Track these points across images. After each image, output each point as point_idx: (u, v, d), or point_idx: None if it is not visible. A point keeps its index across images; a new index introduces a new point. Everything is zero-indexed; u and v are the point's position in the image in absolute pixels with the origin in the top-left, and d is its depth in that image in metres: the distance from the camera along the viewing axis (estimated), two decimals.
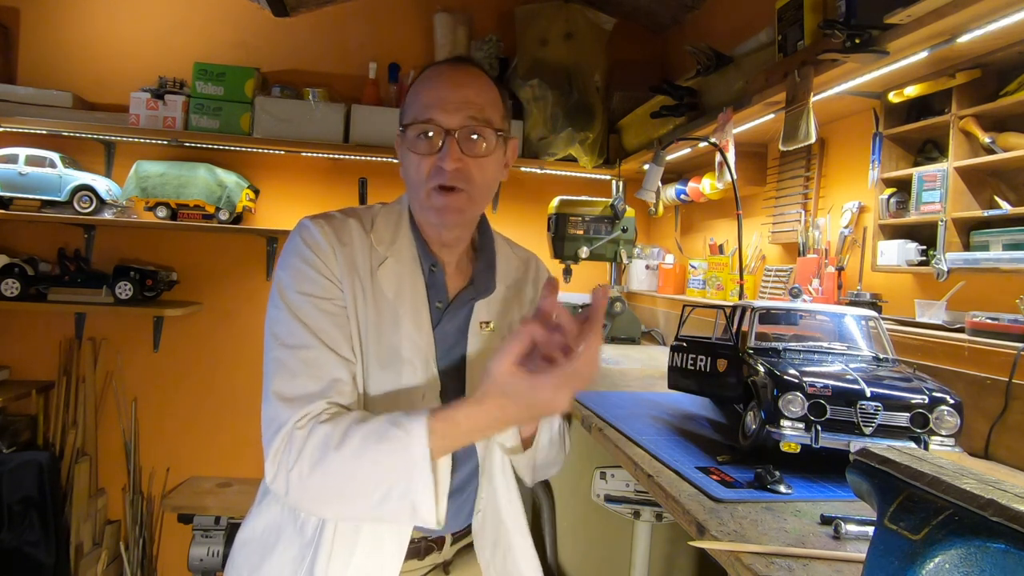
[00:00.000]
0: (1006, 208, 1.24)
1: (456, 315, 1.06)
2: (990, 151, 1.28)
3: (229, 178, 2.58)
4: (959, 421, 0.90)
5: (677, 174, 2.61)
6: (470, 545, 1.12)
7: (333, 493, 0.85)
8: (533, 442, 1.05)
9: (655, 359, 2.05)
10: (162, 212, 2.54)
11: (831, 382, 0.91)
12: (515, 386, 0.79)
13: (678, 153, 2.27)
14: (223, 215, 2.56)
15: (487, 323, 1.08)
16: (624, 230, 2.38)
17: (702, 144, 1.96)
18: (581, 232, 2.36)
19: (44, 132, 2.53)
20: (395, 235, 1.05)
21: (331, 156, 2.78)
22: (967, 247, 1.33)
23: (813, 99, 1.42)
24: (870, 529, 0.72)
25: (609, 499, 1.39)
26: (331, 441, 0.84)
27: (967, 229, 1.33)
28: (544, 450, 1.07)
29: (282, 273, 0.98)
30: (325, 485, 0.85)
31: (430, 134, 0.97)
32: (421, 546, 1.06)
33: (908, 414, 0.91)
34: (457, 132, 0.96)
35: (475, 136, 0.98)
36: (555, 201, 2.41)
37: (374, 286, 1.01)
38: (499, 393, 0.81)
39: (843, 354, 1.07)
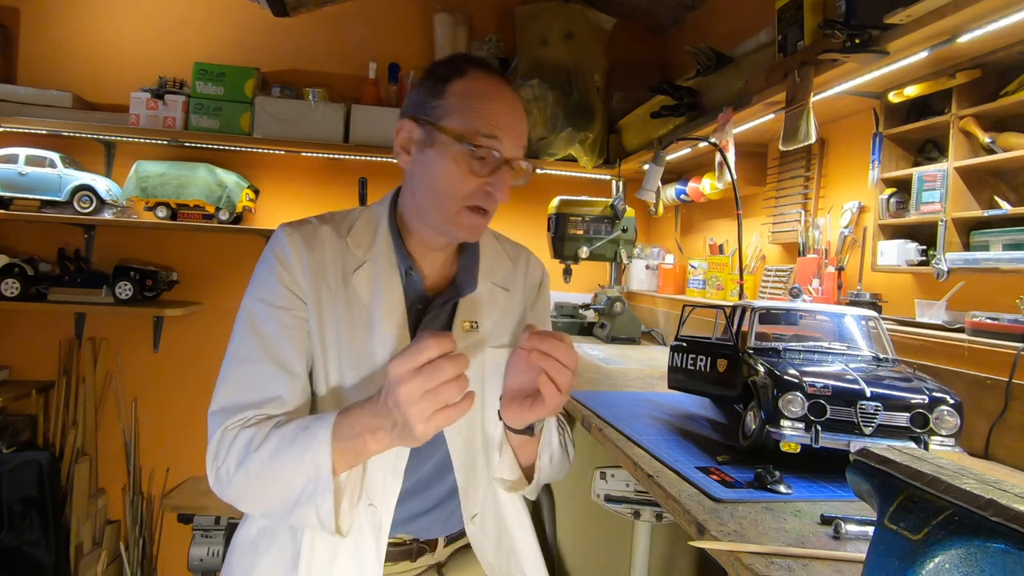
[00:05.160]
0: (1006, 208, 1.24)
1: (438, 316, 1.05)
2: (990, 151, 1.28)
3: (229, 178, 2.58)
4: (959, 421, 0.90)
5: (677, 174, 2.62)
6: (466, 546, 1.12)
7: (254, 492, 0.89)
8: (534, 474, 1.05)
9: (655, 359, 2.05)
10: (162, 212, 2.54)
11: (831, 382, 0.91)
12: (400, 394, 0.76)
13: (678, 153, 2.27)
14: (223, 215, 2.56)
15: (472, 323, 1.06)
16: (624, 230, 2.38)
17: (702, 144, 1.96)
18: (581, 232, 2.36)
19: (44, 132, 2.53)
20: (373, 238, 1.04)
21: (331, 156, 2.78)
22: (967, 247, 1.33)
23: (813, 99, 1.42)
24: (870, 529, 0.72)
25: (609, 499, 1.39)
26: (252, 443, 0.88)
27: (967, 229, 1.33)
28: (546, 472, 1.07)
29: (251, 281, 1.01)
30: (246, 484, 0.88)
31: (486, 155, 0.95)
32: (413, 548, 1.05)
33: (908, 414, 0.91)
34: (512, 162, 0.97)
35: (520, 168, 0.99)
36: (555, 201, 2.41)
37: (348, 291, 1.00)
38: (388, 395, 0.79)
39: (843, 354, 1.07)
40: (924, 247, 1.42)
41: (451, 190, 0.96)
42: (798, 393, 0.90)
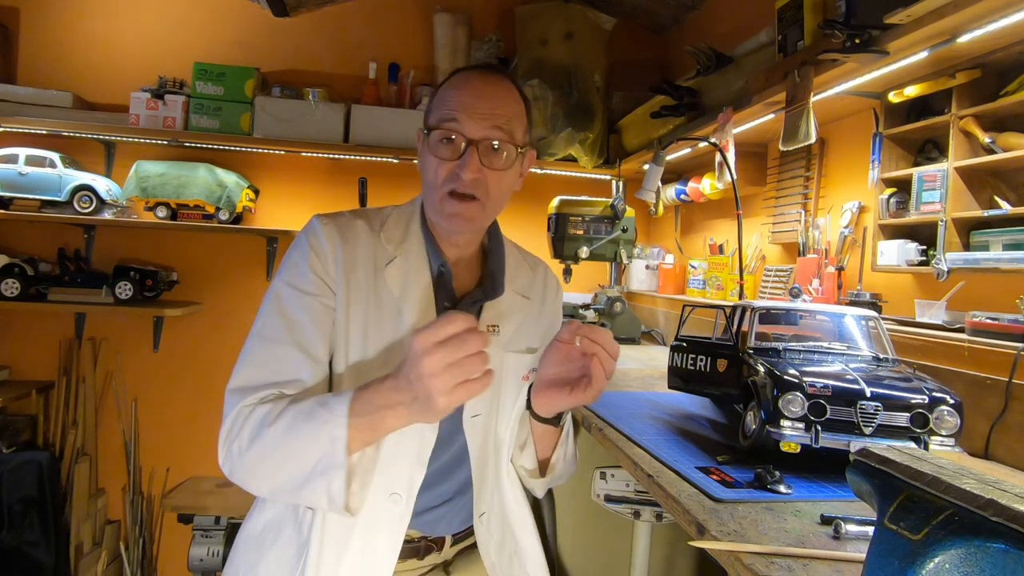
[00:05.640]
0: (1006, 208, 1.24)
1: None
2: (990, 151, 1.28)
3: (229, 178, 2.58)
4: (959, 421, 0.90)
5: (677, 174, 2.62)
6: (472, 546, 1.12)
7: (266, 467, 0.88)
8: (549, 467, 1.09)
9: (655, 359, 2.05)
10: (162, 212, 2.54)
11: (831, 382, 0.91)
12: (424, 366, 0.77)
13: (678, 153, 2.27)
14: (223, 215, 2.56)
15: (494, 327, 1.07)
16: (624, 230, 2.38)
17: (702, 144, 1.96)
18: (581, 232, 2.36)
19: (44, 132, 2.53)
20: (405, 234, 1.06)
21: (331, 156, 2.78)
22: (967, 247, 1.33)
23: (813, 99, 1.42)
24: (870, 529, 0.72)
25: (609, 499, 1.39)
26: (268, 418, 0.88)
27: (967, 229, 1.33)
28: (560, 467, 1.11)
29: (281, 266, 1.03)
30: (260, 459, 0.88)
31: (453, 139, 0.97)
32: (421, 546, 1.06)
33: (908, 414, 0.91)
34: (480, 143, 0.97)
35: (496, 149, 0.98)
36: (555, 201, 2.41)
37: (379, 284, 1.02)
38: (411, 368, 0.79)
39: (843, 354, 1.07)
40: (924, 247, 1.42)
41: (432, 180, 1.00)
42: (798, 393, 0.90)
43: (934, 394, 0.91)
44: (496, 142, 0.98)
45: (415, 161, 1.08)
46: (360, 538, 0.96)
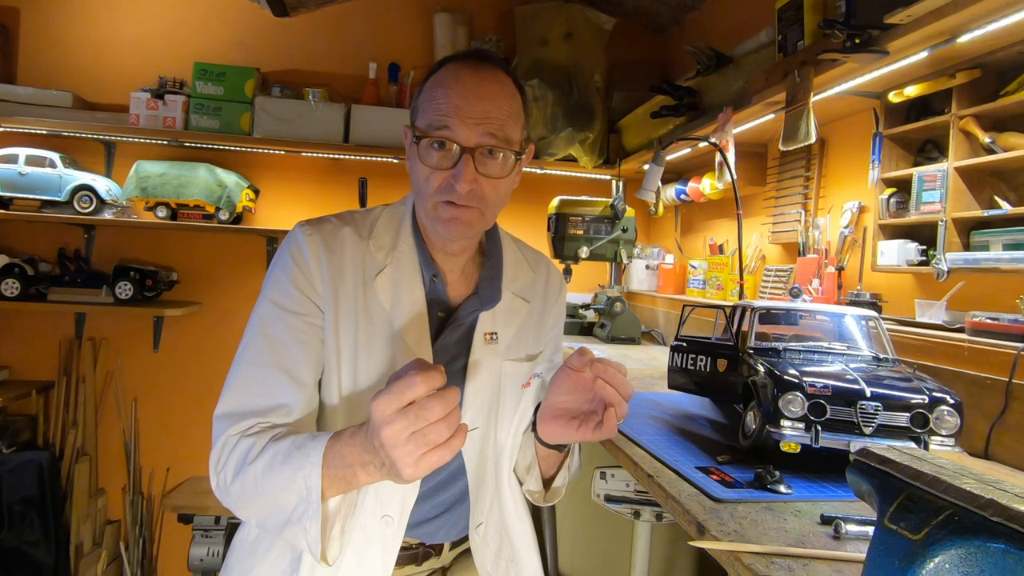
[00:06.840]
0: (1006, 208, 1.24)
1: (459, 326, 1.02)
2: (990, 151, 1.28)
3: (229, 178, 2.59)
4: (959, 421, 0.90)
5: (677, 174, 2.62)
6: (469, 550, 1.12)
7: (250, 504, 0.87)
8: (552, 490, 1.08)
9: (655, 359, 2.05)
10: (162, 212, 2.54)
11: (831, 382, 0.91)
12: (384, 437, 0.70)
13: (678, 153, 2.27)
14: (223, 215, 2.56)
15: (492, 334, 1.03)
16: (624, 230, 2.38)
17: (702, 144, 1.96)
18: (581, 232, 2.36)
19: (44, 132, 2.53)
20: (396, 241, 1.01)
21: (331, 156, 2.78)
22: (967, 247, 1.33)
23: (813, 99, 1.42)
24: (870, 529, 0.72)
25: (609, 499, 1.39)
26: (249, 455, 0.85)
27: (967, 229, 1.33)
28: (564, 487, 1.10)
29: (265, 281, 0.98)
30: (242, 495, 0.86)
31: (445, 146, 0.90)
32: (419, 552, 1.05)
33: (908, 414, 0.91)
34: (475, 151, 0.90)
35: (492, 155, 0.91)
36: (555, 201, 2.41)
37: (369, 296, 0.97)
38: (373, 435, 0.73)
39: (843, 354, 1.07)
40: (924, 247, 1.42)
41: (424, 188, 0.93)
42: (798, 393, 0.90)
43: (934, 394, 0.91)
44: (492, 149, 0.91)
45: None
46: (353, 554, 0.94)
